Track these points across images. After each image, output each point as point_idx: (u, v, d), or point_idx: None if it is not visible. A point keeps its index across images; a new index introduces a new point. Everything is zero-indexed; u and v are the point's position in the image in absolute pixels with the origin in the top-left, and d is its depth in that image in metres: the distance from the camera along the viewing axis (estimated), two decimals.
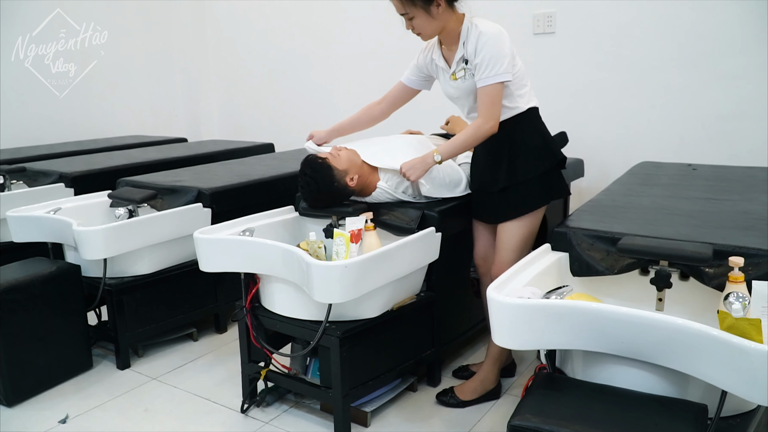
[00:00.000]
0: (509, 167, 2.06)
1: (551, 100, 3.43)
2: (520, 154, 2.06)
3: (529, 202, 2.09)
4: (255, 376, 2.20)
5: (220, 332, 2.90)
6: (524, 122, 2.07)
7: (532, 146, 2.07)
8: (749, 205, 1.95)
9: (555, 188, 2.14)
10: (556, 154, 2.12)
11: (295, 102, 4.62)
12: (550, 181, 2.12)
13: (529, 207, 2.09)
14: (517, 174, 2.06)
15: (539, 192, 2.09)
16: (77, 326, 2.49)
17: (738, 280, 1.39)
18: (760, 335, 1.26)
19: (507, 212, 2.10)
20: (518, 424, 1.30)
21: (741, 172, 2.52)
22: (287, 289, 2.03)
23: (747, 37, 2.88)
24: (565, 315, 1.36)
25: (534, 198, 2.09)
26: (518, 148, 2.06)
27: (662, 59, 3.10)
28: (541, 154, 2.08)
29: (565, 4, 3.32)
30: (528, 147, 2.07)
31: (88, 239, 2.36)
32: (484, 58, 1.93)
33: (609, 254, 1.65)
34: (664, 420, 1.28)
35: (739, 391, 1.19)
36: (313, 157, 2.17)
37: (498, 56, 1.92)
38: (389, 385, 2.23)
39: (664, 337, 1.26)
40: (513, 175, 2.05)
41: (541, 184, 2.09)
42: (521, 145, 2.07)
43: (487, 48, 1.93)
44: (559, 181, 2.17)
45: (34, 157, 3.59)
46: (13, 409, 2.28)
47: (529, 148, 2.07)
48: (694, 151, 3.07)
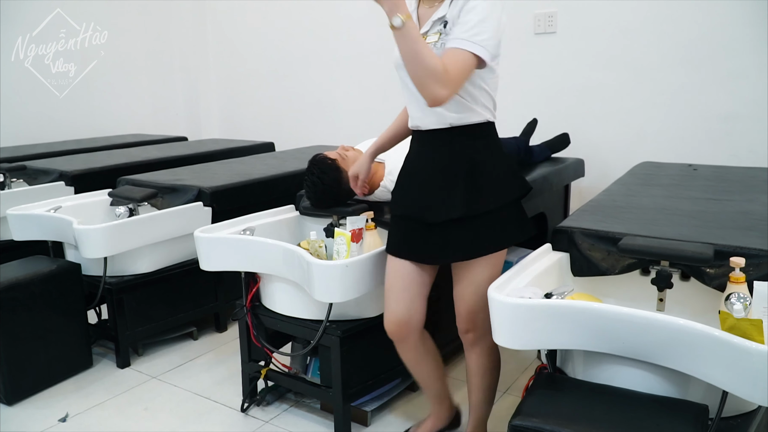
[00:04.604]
0: (470, 191, 1.62)
1: (552, 100, 3.44)
2: (486, 174, 1.63)
3: (502, 236, 1.67)
4: (255, 376, 2.20)
5: (220, 331, 2.90)
6: (489, 137, 1.67)
7: (500, 166, 1.68)
8: (750, 205, 1.95)
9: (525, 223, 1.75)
10: (524, 180, 1.78)
11: (295, 101, 4.62)
12: (520, 213, 1.74)
13: (501, 242, 1.67)
14: (484, 200, 1.62)
15: (513, 224, 1.69)
16: (77, 325, 2.49)
17: (739, 280, 1.38)
18: (762, 336, 1.26)
19: (470, 248, 1.64)
20: (519, 424, 1.30)
21: (742, 172, 2.51)
22: (288, 288, 2.03)
23: (748, 37, 2.88)
24: (566, 315, 1.36)
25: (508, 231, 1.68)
26: (483, 166, 1.63)
27: (663, 59, 3.10)
28: (509, 177, 1.70)
29: (566, 4, 3.31)
30: (496, 166, 1.66)
31: (89, 238, 2.36)
32: (468, 21, 1.52)
33: (610, 254, 1.65)
34: (665, 420, 1.27)
35: (740, 392, 1.19)
36: (322, 158, 2.15)
37: (486, 23, 1.51)
38: (389, 384, 2.23)
39: (665, 338, 1.26)
40: (475, 201, 1.61)
41: (514, 214, 1.70)
42: (487, 163, 1.64)
43: (475, 12, 1.52)
44: (526, 218, 1.78)
45: (34, 156, 3.58)
46: (13, 408, 2.28)
47: (498, 169, 1.67)
48: (695, 152, 3.07)
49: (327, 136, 4.29)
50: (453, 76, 1.47)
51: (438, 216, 1.63)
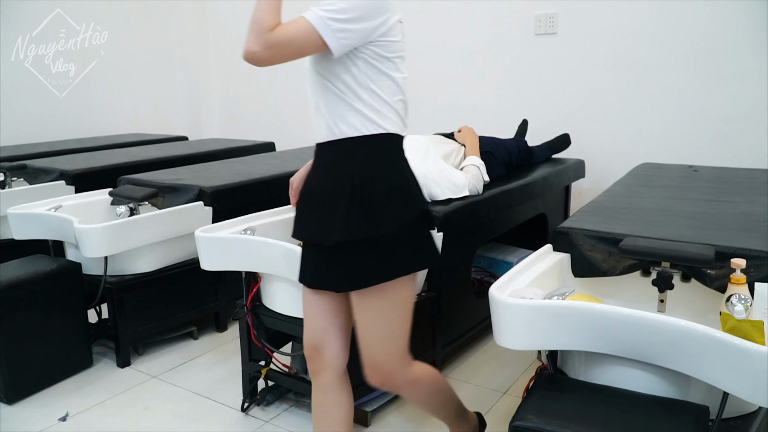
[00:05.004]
0: (350, 213, 1.41)
1: (552, 101, 3.44)
2: (372, 193, 1.42)
3: (392, 265, 1.43)
4: (255, 375, 2.20)
5: (221, 331, 2.90)
6: (381, 151, 1.45)
7: (390, 185, 1.44)
8: (751, 206, 1.95)
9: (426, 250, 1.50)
10: (421, 200, 1.50)
11: (296, 101, 4.62)
12: (419, 238, 1.49)
13: (390, 271, 1.43)
14: (366, 223, 1.41)
15: (409, 250, 1.46)
16: (78, 324, 2.49)
17: (740, 281, 1.39)
18: (763, 337, 1.26)
19: (356, 277, 1.44)
20: (520, 425, 1.30)
21: (742, 173, 2.52)
22: (288, 288, 2.03)
23: (748, 39, 2.88)
24: (566, 316, 1.36)
25: (400, 258, 1.44)
26: (369, 184, 1.42)
27: (664, 61, 3.11)
28: (402, 197, 1.45)
29: (567, 5, 3.32)
30: (384, 185, 1.43)
31: (89, 237, 2.36)
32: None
33: (611, 255, 1.65)
34: (666, 421, 1.27)
35: (741, 393, 1.19)
36: None
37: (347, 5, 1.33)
38: None
39: (666, 339, 1.26)
40: (354, 225, 1.40)
41: (410, 239, 1.46)
42: (374, 181, 1.42)
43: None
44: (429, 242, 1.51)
45: (34, 155, 3.58)
46: (13, 407, 2.28)
47: (386, 188, 1.43)
48: (695, 153, 3.08)
49: None
50: (275, 38, 1.32)
51: (322, 240, 1.45)
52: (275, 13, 1.35)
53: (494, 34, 3.56)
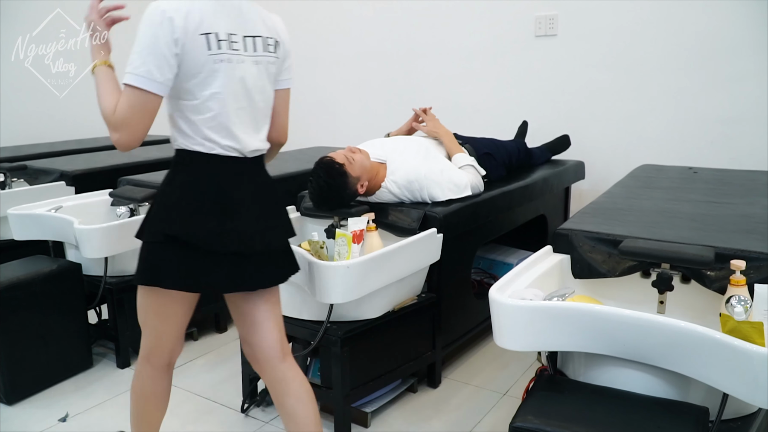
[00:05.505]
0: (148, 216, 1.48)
1: (552, 102, 3.45)
2: (156, 204, 1.47)
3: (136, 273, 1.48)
4: (255, 376, 2.20)
5: (221, 332, 2.90)
6: (177, 165, 1.48)
7: (163, 201, 1.46)
8: (750, 208, 1.95)
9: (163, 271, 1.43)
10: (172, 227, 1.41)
11: (296, 101, 4.59)
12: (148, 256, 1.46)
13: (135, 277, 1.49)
14: (140, 229, 1.48)
15: (141, 264, 1.47)
16: (78, 325, 2.49)
17: (740, 283, 1.39)
18: (762, 338, 1.26)
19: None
20: (520, 426, 1.30)
21: (742, 175, 2.52)
22: (288, 289, 2.03)
23: (748, 40, 2.89)
24: (566, 317, 1.36)
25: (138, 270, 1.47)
26: (159, 195, 1.48)
27: (664, 62, 3.11)
28: (159, 215, 1.44)
29: (567, 7, 3.32)
30: (161, 199, 1.47)
31: (90, 238, 2.36)
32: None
33: (611, 256, 1.66)
34: (666, 422, 1.28)
35: (741, 394, 1.20)
36: (329, 161, 2.11)
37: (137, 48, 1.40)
38: (389, 385, 2.23)
39: (666, 340, 1.27)
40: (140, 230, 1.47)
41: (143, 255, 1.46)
42: (160, 193, 1.48)
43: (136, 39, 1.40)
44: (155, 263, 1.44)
45: (35, 155, 3.58)
46: (13, 407, 2.28)
47: (159, 202, 1.46)
48: (695, 155, 3.08)
49: (328, 136, 4.29)
50: (119, 117, 1.36)
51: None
52: (109, 94, 1.40)
53: (494, 35, 3.56)
